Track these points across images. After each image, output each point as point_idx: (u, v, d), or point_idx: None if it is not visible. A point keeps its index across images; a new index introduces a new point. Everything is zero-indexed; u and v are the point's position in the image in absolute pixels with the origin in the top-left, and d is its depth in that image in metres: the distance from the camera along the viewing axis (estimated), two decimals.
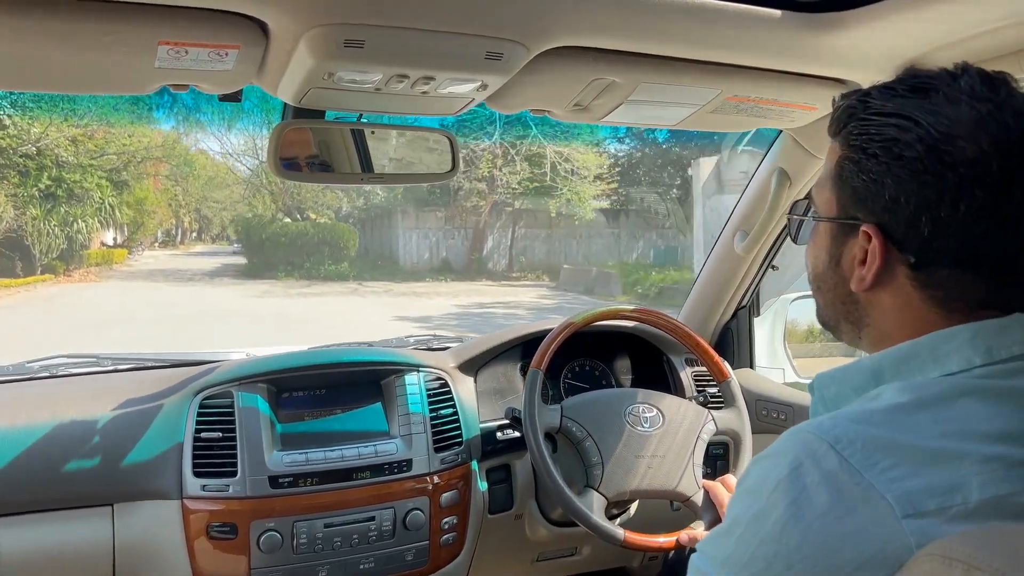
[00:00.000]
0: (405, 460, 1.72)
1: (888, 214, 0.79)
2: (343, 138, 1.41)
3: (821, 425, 0.75)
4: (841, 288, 0.86)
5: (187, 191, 34.46)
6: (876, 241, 0.80)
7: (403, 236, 26.34)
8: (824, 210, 0.87)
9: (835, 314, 0.90)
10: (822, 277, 0.89)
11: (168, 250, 37.10)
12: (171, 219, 37.19)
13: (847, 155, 0.82)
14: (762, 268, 2.04)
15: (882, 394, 0.79)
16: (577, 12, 1.12)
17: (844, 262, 0.85)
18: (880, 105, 0.80)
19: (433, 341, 2.23)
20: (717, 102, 1.44)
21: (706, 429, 1.76)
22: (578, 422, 1.68)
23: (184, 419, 1.65)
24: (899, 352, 0.81)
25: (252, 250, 26.58)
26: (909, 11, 1.15)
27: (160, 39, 1.06)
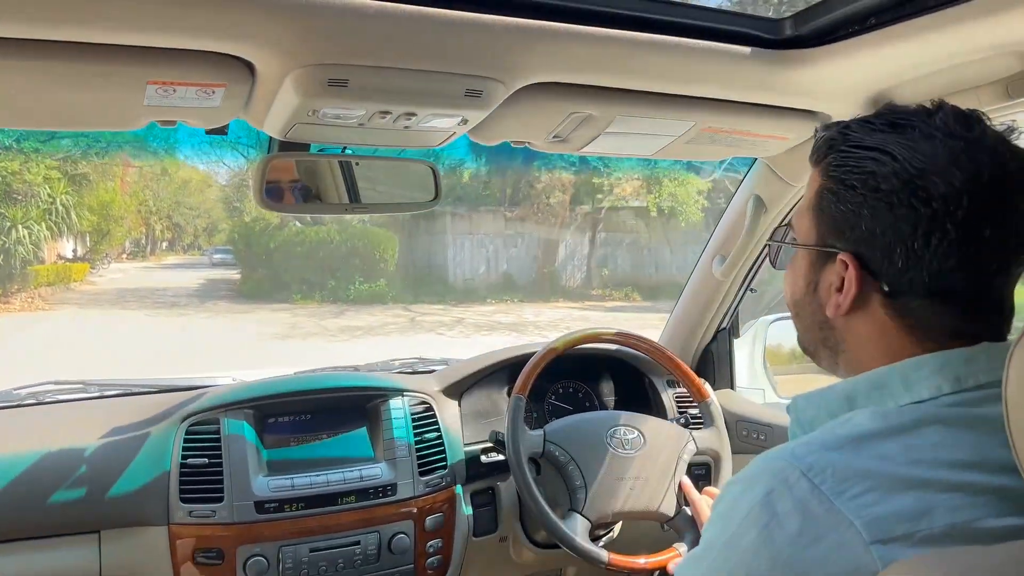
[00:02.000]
0: (390, 484, 1.74)
1: (864, 244, 0.82)
2: (328, 169, 1.45)
3: (794, 452, 0.77)
4: (818, 314, 0.89)
5: (158, 195, 30.59)
6: (852, 269, 0.82)
7: (453, 244, 20.85)
8: (803, 237, 0.89)
9: (813, 339, 0.92)
10: (800, 303, 0.91)
11: (138, 262, 33.21)
12: (141, 227, 32.78)
13: (827, 185, 0.85)
14: (741, 291, 2.08)
15: (853, 418, 0.81)
16: (553, 51, 1.16)
17: (821, 288, 0.87)
18: (859, 138, 0.83)
19: (418, 364, 2.26)
20: (692, 133, 1.48)
21: (687, 449, 1.78)
22: (561, 446, 1.70)
23: (171, 446, 1.66)
24: (871, 378, 0.84)
25: (252, 264, 21.62)
26: (873, 48, 1.19)
27: (149, 79, 1.09)
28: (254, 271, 21.75)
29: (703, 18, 1.22)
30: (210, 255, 35.74)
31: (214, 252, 34.97)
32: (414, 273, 21.06)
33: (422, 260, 21.52)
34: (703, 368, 2.22)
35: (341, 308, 18.55)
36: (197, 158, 26.30)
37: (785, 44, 1.26)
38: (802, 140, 1.56)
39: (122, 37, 1.00)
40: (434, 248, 21.33)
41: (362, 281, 19.82)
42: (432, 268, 21.13)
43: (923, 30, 1.12)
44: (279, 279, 20.40)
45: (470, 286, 20.32)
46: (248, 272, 22.17)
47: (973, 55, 1.18)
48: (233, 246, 24.39)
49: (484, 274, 20.77)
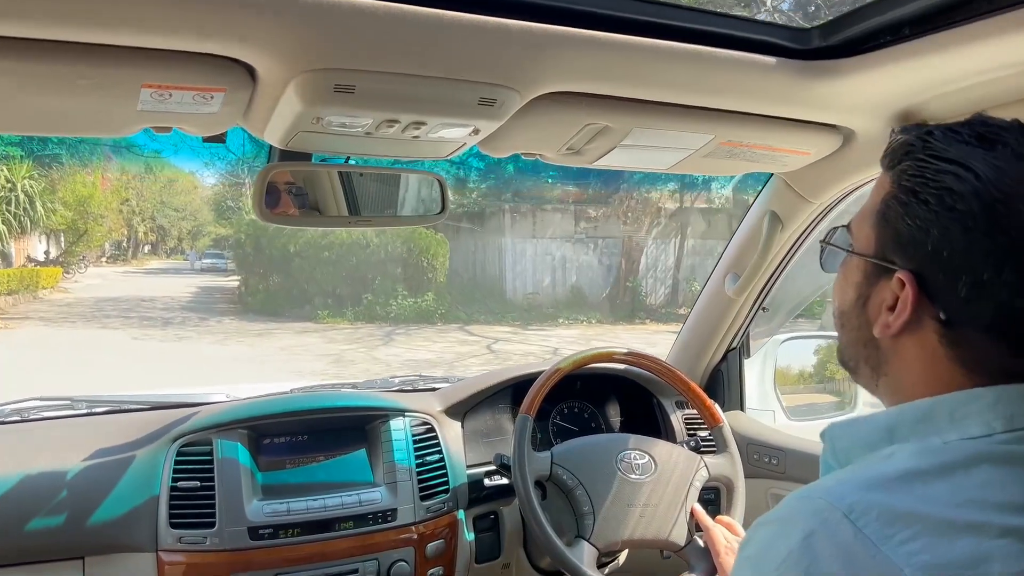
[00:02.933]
0: (390, 509, 1.67)
1: (928, 265, 0.75)
2: (330, 180, 1.38)
3: (832, 491, 0.71)
4: (864, 330, 0.83)
5: (142, 195, 28.52)
6: (910, 290, 0.76)
7: (512, 249, 17.29)
8: (861, 245, 0.83)
9: (855, 355, 0.86)
10: (847, 315, 0.85)
11: (118, 266, 31.06)
12: (122, 228, 29.88)
13: (896, 194, 0.78)
14: (752, 309, 2.02)
15: (896, 455, 0.75)
16: (570, 59, 1.10)
17: (872, 304, 0.81)
18: (941, 148, 0.76)
19: (419, 381, 2.19)
20: (711, 147, 1.42)
21: (698, 476, 1.72)
22: (569, 470, 1.63)
23: (160, 469, 1.59)
24: (916, 410, 0.78)
25: (263, 271, 18.76)
26: (905, 60, 1.14)
27: (144, 82, 1.03)
28: (265, 280, 18.87)
29: (728, 26, 1.16)
30: (193, 260, 34.23)
31: (202, 257, 33.29)
32: (465, 285, 17.65)
33: (474, 269, 18.05)
34: (712, 389, 2.15)
35: (384, 329, 15.20)
36: (186, 160, 25.31)
37: (813, 55, 1.21)
38: (824, 155, 1.51)
39: (115, 37, 0.93)
40: (488, 254, 17.96)
41: (406, 295, 16.55)
42: (486, 279, 17.67)
43: (959, 41, 1.07)
44: (299, 291, 17.41)
45: (532, 301, 16.97)
46: (256, 281, 19.21)
47: (1010, 68, 1.13)
48: (238, 250, 20.77)
49: (550, 287, 17.25)
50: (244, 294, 20.06)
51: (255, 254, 18.97)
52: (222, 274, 29.40)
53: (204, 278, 27.60)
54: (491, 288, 17.40)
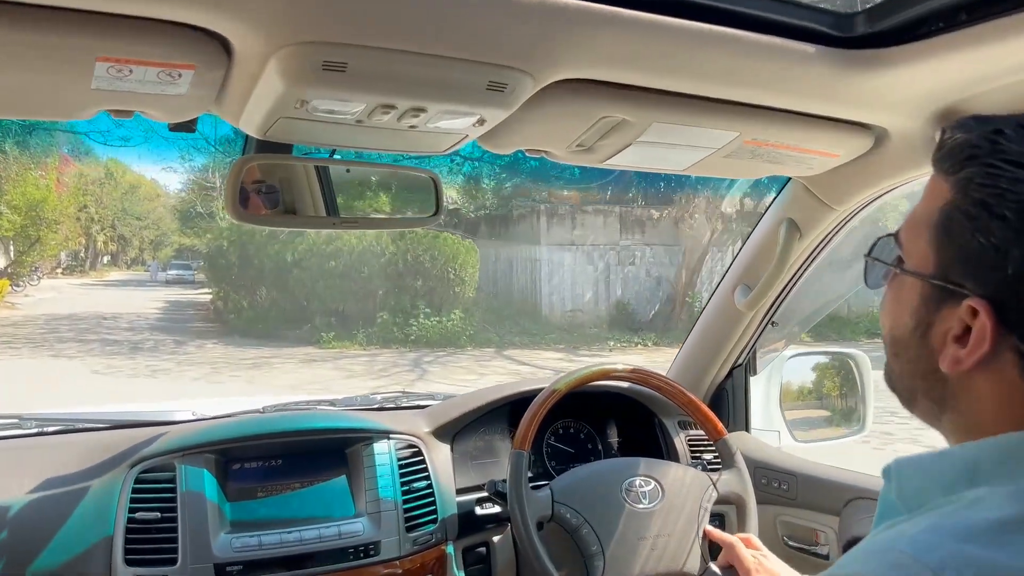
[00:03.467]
0: (372, 543, 1.52)
1: (1006, 290, 0.64)
2: (314, 176, 1.24)
3: (917, 542, 0.60)
4: (925, 362, 0.71)
5: (101, 201, 26.61)
6: (987, 320, 0.64)
7: (548, 259, 14.87)
8: (916, 262, 0.71)
9: (912, 388, 0.75)
10: (902, 343, 0.74)
11: (75, 278, 28.75)
12: (80, 237, 27.38)
13: (961, 206, 0.67)
14: (762, 324, 1.90)
15: (984, 499, 0.63)
16: (592, 39, 0.97)
17: (935, 333, 0.69)
18: (1018, 151, 0.64)
19: (403, 399, 2.04)
20: (734, 146, 1.30)
21: (708, 497, 1.60)
22: (572, 507, 1.49)
23: (115, 500, 1.42)
24: (1001, 446, 0.66)
25: (248, 284, 16.37)
26: (959, 50, 1.02)
27: (98, 54, 0.87)
28: (251, 294, 16.45)
29: (764, 8, 1.04)
30: (155, 271, 32.55)
31: (167, 268, 31.67)
32: (495, 301, 15.18)
33: (501, 282, 15.74)
34: (716, 408, 2.01)
35: (407, 356, 12.57)
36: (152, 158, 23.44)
37: (857, 43, 1.08)
38: (852, 158, 1.39)
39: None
40: (518, 264, 15.55)
41: (428, 312, 13.95)
42: (517, 293, 15.28)
43: (1020, 27, 0.95)
44: (295, 308, 15.01)
45: (573, 320, 14.68)
46: (240, 297, 16.79)
47: None
48: (216, 259, 17.84)
49: (590, 302, 14.93)
50: (224, 311, 17.60)
51: (240, 264, 16.21)
52: (189, 286, 28.15)
53: (170, 291, 26.00)
54: (524, 305, 14.97)
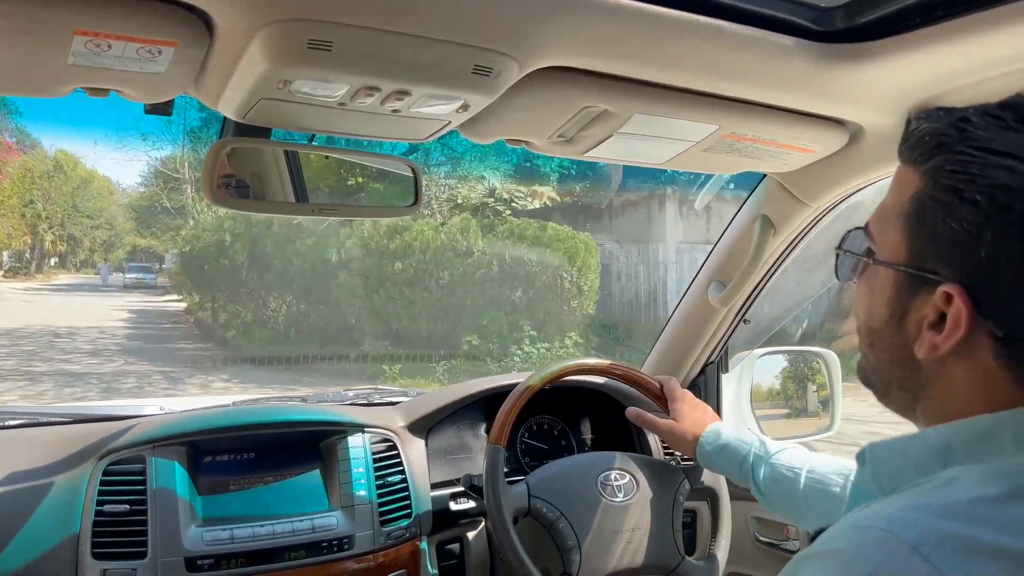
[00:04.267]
0: (346, 536, 1.49)
1: (980, 275, 0.65)
2: (289, 161, 1.22)
3: (895, 519, 0.61)
4: (901, 350, 0.72)
5: (49, 196, 23.85)
6: (962, 306, 0.65)
7: (677, 260, 11.49)
8: (888, 252, 0.73)
9: (887, 377, 0.76)
10: (877, 333, 0.75)
11: (19, 281, 25.27)
12: (25, 235, 24.51)
13: (932, 193, 0.68)
14: (734, 322, 1.91)
15: (958, 479, 0.65)
16: (579, 25, 0.97)
17: (910, 321, 0.70)
18: (986, 138, 0.65)
19: (374, 395, 2.01)
20: (712, 139, 1.31)
21: (682, 489, 1.61)
22: (548, 501, 1.48)
23: (83, 493, 1.38)
24: (974, 428, 0.67)
25: (246, 292, 13.20)
26: (936, 44, 1.04)
27: (76, 27, 0.85)
28: (258, 306, 12.96)
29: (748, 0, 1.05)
30: (106, 274, 30.20)
31: (126, 271, 29.40)
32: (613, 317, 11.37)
33: (617, 292, 11.92)
34: None
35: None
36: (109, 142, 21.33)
37: (835, 37, 1.10)
38: (827, 154, 1.40)
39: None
40: (633, 268, 11.89)
41: (535, 336, 10.22)
42: (639, 307, 11.64)
43: (999, 22, 0.97)
44: (336, 325, 11.08)
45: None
46: (243, 308, 13.47)
47: None
48: (192, 261, 14.95)
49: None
50: (216, 327, 14.40)
51: (250, 262, 12.61)
52: (150, 291, 25.99)
53: (129, 297, 23.36)
54: (650, 323, 11.14)
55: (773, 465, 1.33)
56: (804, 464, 1.30)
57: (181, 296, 20.01)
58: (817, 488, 1.26)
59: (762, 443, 1.38)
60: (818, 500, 1.26)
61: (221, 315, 14.78)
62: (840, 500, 1.23)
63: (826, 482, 1.25)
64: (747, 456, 1.37)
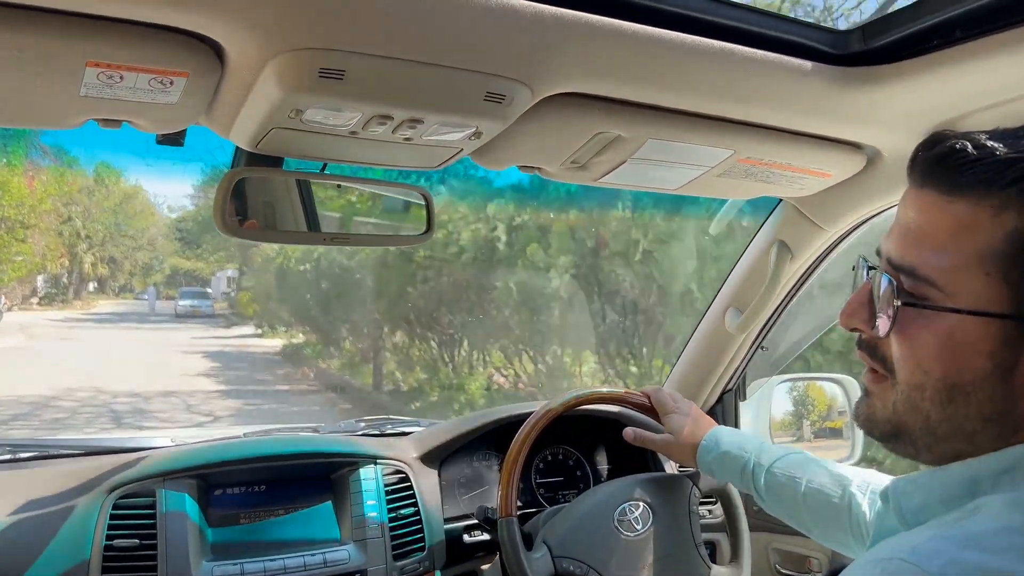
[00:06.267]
0: (359, 570, 1.47)
1: None
2: (305, 190, 1.21)
3: (918, 551, 0.59)
4: (999, 404, 0.66)
5: (90, 213, 21.33)
6: None
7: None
8: (981, 300, 0.65)
9: (953, 432, 0.69)
10: (966, 388, 0.67)
11: (57, 310, 21.63)
12: (62, 257, 21.33)
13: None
14: (752, 349, 1.88)
15: (984, 509, 0.63)
16: (592, 52, 0.96)
17: (1020, 371, 0.65)
18: None
19: (387, 425, 1.99)
20: (728, 164, 1.29)
21: (693, 499, 1.58)
22: (574, 558, 1.45)
23: (92, 526, 1.36)
24: (1002, 459, 0.66)
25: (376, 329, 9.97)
26: (953, 67, 1.03)
27: (89, 59, 0.85)
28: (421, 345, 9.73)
29: (761, 24, 1.04)
30: (152, 300, 26.73)
31: (179, 297, 25.82)
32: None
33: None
34: None
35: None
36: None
37: (851, 60, 1.09)
38: (844, 178, 1.39)
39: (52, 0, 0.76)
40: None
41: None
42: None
43: (1018, 43, 0.96)
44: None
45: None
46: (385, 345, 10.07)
47: None
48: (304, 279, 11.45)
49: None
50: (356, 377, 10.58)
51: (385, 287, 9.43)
52: (209, 322, 22.34)
53: (192, 331, 18.61)
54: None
55: (774, 473, 1.32)
56: (804, 472, 1.30)
57: (261, 330, 16.29)
58: (817, 496, 1.26)
59: (763, 450, 1.38)
60: (817, 508, 1.26)
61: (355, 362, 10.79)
62: (839, 507, 1.23)
63: (826, 491, 1.25)
64: (747, 464, 1.37)
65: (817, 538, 1.32)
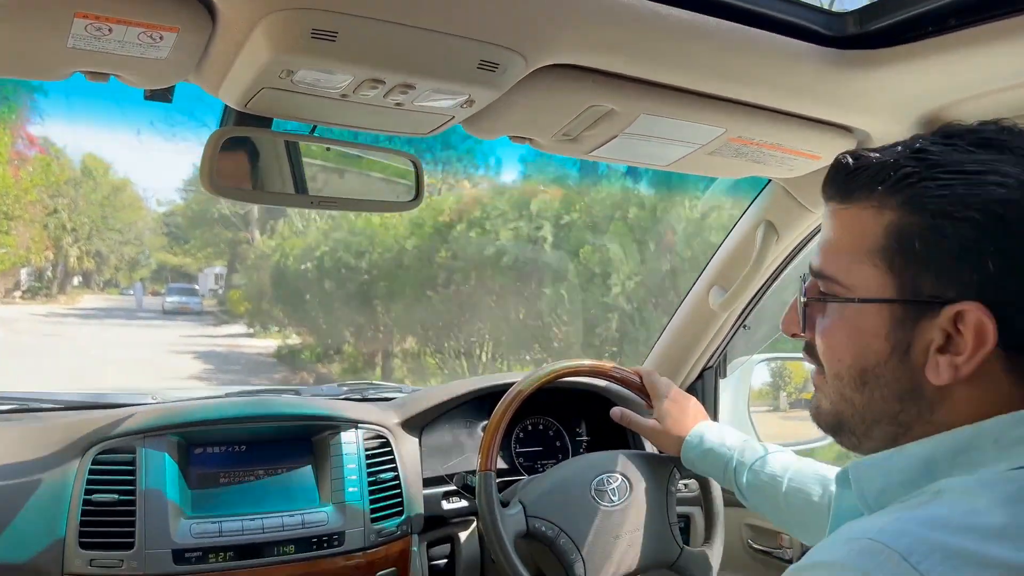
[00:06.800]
0: (337, 532, 1.48)
1: (989, 288, 0.66)
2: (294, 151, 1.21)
3: (884, 530, 0.61)
4: (905, 382, 0.72)
5: (77, 206, 21.06)
6: (985, 319, 0.66)
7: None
8: (871, 289, 0.73)
9: (875, 416, 0.75)
10: (877, 370, 0.74)
11: (39, 303, 21.22)
12: (47, 250, 20.85)
13: (918, 221, 0.69)
14: (734, 327, 1.90)
15: (945, 491, 0.66)
16: (588, 23, 0.95)
17: (916, 350, 0.71)
18: (955, 161, 0.68)
19: (369, 390, 2.00)
20: (719, 142, 1.30)
21: (673, 480, 1.60)
22: (546, 519, 1.47)
23: (71, 481, 1.36)
24: (956, 439, 0.69)
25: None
26: (946, 53, 1.03)
27: (77, 10, 0.84)
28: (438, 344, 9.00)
29: (758, 3, 1.03)
30: (139, 296, 26.00)
31: (168, 292, 25.17)
32: None
33: None
34: None
35: None
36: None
37: (845, 43, 1.09)
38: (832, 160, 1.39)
39: None
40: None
41: None
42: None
43: (1011, 33, 0.96)
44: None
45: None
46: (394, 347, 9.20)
47: None
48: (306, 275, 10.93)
49: None
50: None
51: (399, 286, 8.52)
52: (197, 320, 21.99)
53: (182, 328, 18.19)
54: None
55: (756, 472, 1.36)
56: (786, 471, 1.33)
57: (253, 330, 15.62)
58: (797, 495, 1.30)
59: (745, 448, 1.41)
60: (798, 506, 1.29)
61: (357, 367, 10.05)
62: (819, 506, 1.27)
63: (806, 490, 1.29)
64: (730, 462, 1.40)
65: (798, 536, 1.35)
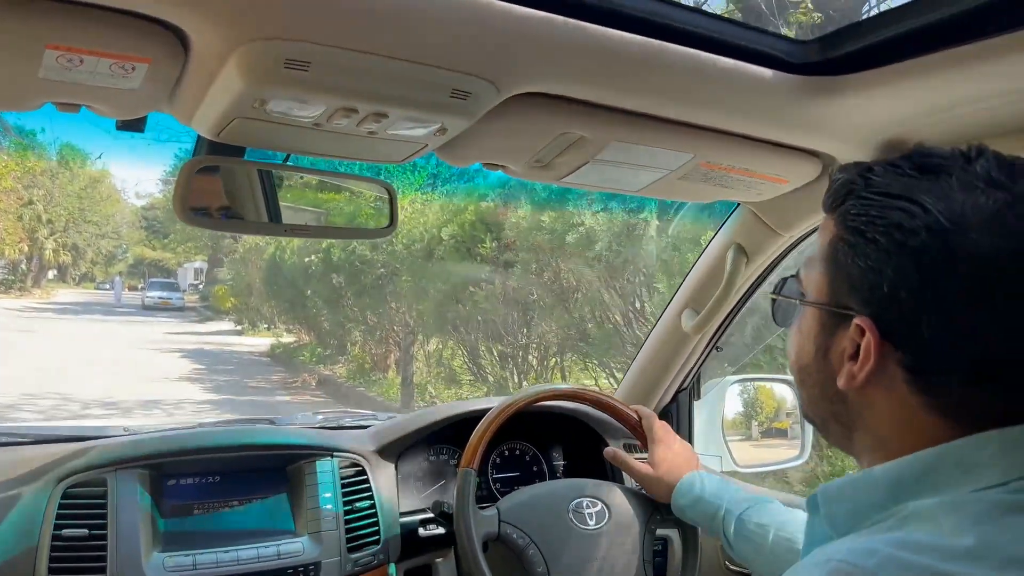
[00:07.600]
0: (313, 563, 1.46)
1: (885, 307, 0.70)
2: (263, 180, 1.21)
3: (854, 551, 0.63)
4: (828, 384, 0.77)
5: (52, 198, 20.74)
6: (871, 336, 0.70)
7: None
8: (814, 293, 0.79)
9: (821, 412, 0.81)
10: (807, 370, 0.81)
11: (14, 298, 20.96)
12: (22, 242, 20.16)
13: (842, 236, 0.74)
14: (707, 349, 1.92)
15: (912, 513, 0.67)
16: (559, 52, 0.97)
17: (832, 354, 0.76)
18: (884, 184, 0.72)
19: (344, 418, 1.99)
20: (688, 167, 1.32)
21: (654, 520, 1.59)
22: (519, 527, 1.46)
23: (41, 515, 1.34)
24: (920, 462, 0.70)
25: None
26: (907, 80, 1.06)
27: (48, 42, 0.84)
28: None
29: (723, 31, 1.06)
30: (118, 292, 25.89)
31: (149, 286, 25.02)
32: None
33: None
34: None
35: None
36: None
37: (810, 69, 1.11)
38: (800, 184, 1.42)
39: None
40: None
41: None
42: None
43: (968, 60, 0.99)
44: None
45: None
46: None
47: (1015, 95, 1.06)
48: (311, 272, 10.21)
49: None
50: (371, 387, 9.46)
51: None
52: (180, 316, 21.65)
53: (164, 325, 17.81)
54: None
55: (744, 521, 1.36)
56: (773, 521, 1.34)
57: (241, 327, 14.94)
58: (784, 545, 1.30)
59: (734, 497, 1.41)
60: (784, 557, 1.29)
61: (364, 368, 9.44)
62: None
63: (794, 540, 1.29)
64: (719, 511, 1.41)
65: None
